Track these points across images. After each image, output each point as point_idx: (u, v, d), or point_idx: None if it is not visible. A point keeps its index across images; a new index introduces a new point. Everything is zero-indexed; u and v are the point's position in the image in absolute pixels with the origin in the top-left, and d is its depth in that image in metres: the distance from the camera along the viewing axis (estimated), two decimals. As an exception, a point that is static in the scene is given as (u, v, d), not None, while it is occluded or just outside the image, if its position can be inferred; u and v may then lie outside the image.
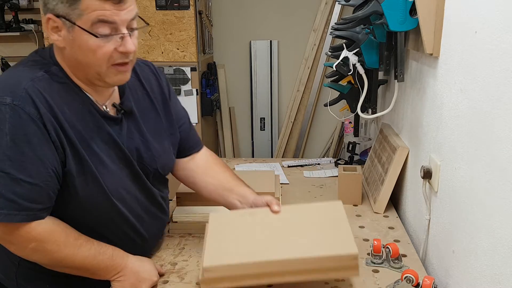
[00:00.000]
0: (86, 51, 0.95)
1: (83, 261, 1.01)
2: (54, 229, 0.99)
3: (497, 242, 0.82)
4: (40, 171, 0.94)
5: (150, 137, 1.15)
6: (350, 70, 1.55)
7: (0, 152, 0.91)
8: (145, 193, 1.16)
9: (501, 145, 0.80)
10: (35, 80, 0.96)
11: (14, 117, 0.91)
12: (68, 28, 0.94)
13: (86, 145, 1.01)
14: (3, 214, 0.92)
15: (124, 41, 0.97)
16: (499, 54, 0.82)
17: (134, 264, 1.08)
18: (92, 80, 1.02)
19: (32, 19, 3.35)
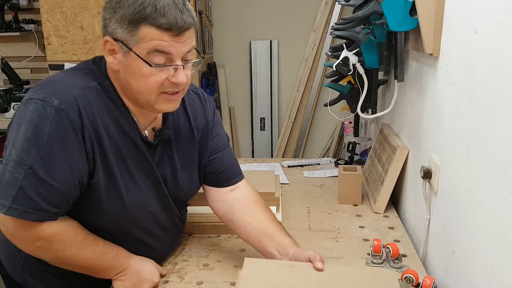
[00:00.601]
0: (139, 77, 0.96)
1: (87, 261, 1.02)
2: (63, 231, 0.98)
3: (497, 242, 0.82)
4: (66, 178, 0.94)
5: (180, 165, 1.15)
6: (350, 70, 1.55)
7: (34, 150, 0.91)
8: (166, 213, 1.16)
9: (501, 145, 0.80)
10: (87, 89, 0.97)
11: (56, 120, 0.92)
12: (124, 53, 0.94)
13: (121, 160, 1.01)
14: (20, 210, 0.91)
15: (177, 72, 0.97)
16: (499, 54, 0.82)
17: (136, 265, 1.09)
18: (142, 105, 1.02)
19: (32, 19, 3.35)
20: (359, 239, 1.34)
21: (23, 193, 0.91)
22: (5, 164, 0.92)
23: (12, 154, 0.91)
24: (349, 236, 1.35)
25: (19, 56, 3.43)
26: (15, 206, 0.91)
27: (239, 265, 1.20)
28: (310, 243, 1.31)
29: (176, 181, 1.15)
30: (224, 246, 1.31)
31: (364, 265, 1.19)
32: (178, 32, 0.92)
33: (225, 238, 1.36)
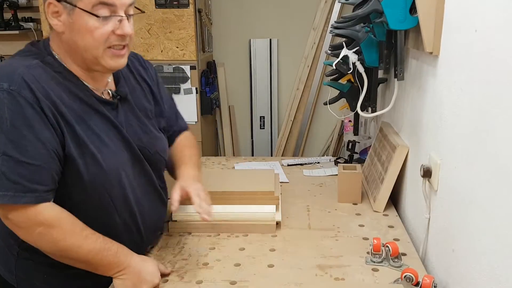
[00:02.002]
0: (85, 32, 0.99)
1: (87, 254, 1.02)
2: (61, 216, 1.01)
3: (497, 241, 0.82)
4: (42, 153, 0.97)
5: (144, 121, 1.20)
6: (350, 68, 1.55)
7: (2, 136, 0.94)
8: (145, 178, 1.19)
9: (501, 143, 0.80)
10: (30, 67, 0.99)
11: (12, 102, 0.95)
12: (69, 12, 0.99)
13: (85, 127, 1.04)
14: (9, 196, 0.94)
15: (122, 24, 1.02)
16: (499, 53, 0.82)
17: (137, 264, 1.09)
18: (90, 64, 1.06)
19: (31, 18, 3.35)
20: (358, 237, 1.34)
21: (6, 178, 0.94)
22: None
23: None
24: (348, 235, 1.35)
25: (18, 55, 3.42)
26: (2, 193, 0.94)
27: (238, 264, 1.20)
28: (309, 242, 1.31)
29: (149, 136, 1.20)
30: (223, 245, 1.31)
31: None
32: None
33: (224, 237, 1.36)
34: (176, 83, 2.94)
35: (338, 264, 1.19)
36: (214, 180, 1.51)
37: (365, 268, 1.17)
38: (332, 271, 1.16)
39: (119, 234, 1.12)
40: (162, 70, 2.91)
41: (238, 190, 1.42)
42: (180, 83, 2.94)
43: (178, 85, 2.94)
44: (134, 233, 1.18)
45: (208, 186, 1.44)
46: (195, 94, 2.97)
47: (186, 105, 2.95)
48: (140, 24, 2.83)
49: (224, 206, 1.40)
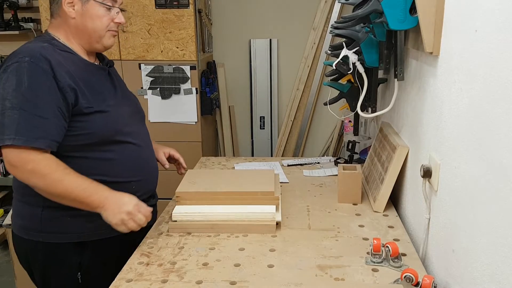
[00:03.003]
0: (95, 18, 1.35)
1: (71, 186, 1.23)
2: (47, 156, 1.24)
3: (497, 241, 0.82)
4: (51, 110, 1.23)
5: (126, 86, 1.56)
6: (350, 68, 1.55)
7: (20, 95, 1.21)
8: (143, 127, 1.53)
9: (501, 144, 0.80)
10: (43, 47, 1.29)
11: (30, 69, 1.23)
12: (83, 3, 1.33)
13: (91, 88, 1.33)
14: (23, 140, 1.19)
15: (119, 15, 1.40)
16: (499, 53, 0.81)
17: (115, 195, 1.27)
18: (93, 43, 1.39)
19: (31, 18, 3.34)
20: (358, 238, 1.34)
21: (22, 127, 1.20)
22: (2, 113, 1.20)
23: (6, 103, 1.21)
24: (348, 235, 1.35)
25: (18, 55, 3.42)
26: (18, 137, 1.19)
27: (238, 264, 1.20)
28: (309, 242, 1.31)
29: (132, 96, 1.55)
30: (223, 245, 1.31)
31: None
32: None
33: (224, 237, 1.36)
34: (176, 83, 2.94)
35: (338, 264, 1.19)
36: (214, 180, 1.51)
37: (365, 269, 1.17)
38: (332, 271, 1.16)
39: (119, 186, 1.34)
40: (162, 71, 2.91)
41: (238, 190, 1.42)
42: (180, 83, 2.94)
43: (178, 85, 2.94)
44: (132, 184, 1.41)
45: (208, 186, 1.44)
46: (195, 94, 2.96)
47: (186, 105, 2.95)
48: (140, 24, 2.84)
49: (224, 206, 1.40)
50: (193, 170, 1.67)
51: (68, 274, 1.38)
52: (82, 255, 1.38)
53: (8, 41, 3.40)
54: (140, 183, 1.45)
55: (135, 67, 2.92)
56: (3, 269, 2.90)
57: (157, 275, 1.17)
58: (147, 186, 1.49)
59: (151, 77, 2.94)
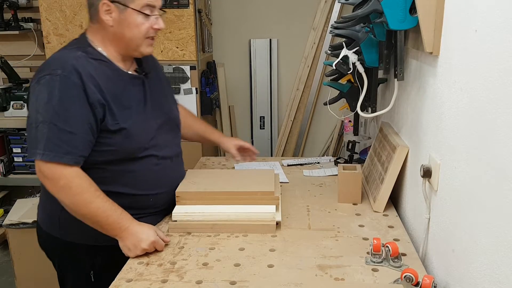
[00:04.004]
0: (133, 27, 1.32)
1: (96, 211, 1.24)
2: (82, 175, 1.26)
3: (497, 241, 0.82)
4: (79, 125, 1.24)
5: (164, 93, 1.52)
6: (349, 68, 1.55)
7: (51, 109, 1.22)
8: (171, 138, 1.49)
9: (501, 143, 0.80)
10: (77, 58, 1.28)
11: (62, 83, 1.23)
12: (121, 11, 1.30)
13: (119, 103, 1.32)
14: (52, 155, 1.22)
15: (158, 20, 1.37)
16: (499, 53, 0.82)
17: (135, 227, 1.27)
18: (130, 51, 1.37)
19: (31, 18, 3.34)
20: (358, 238, 1.34)
21: (51, 142, 1.22)
22: (35, 127, 1.23)
23: (38, 117, 1.23)
24: (348, 235, 1.35)
25: (18, 55, 3.42)
26: (47, 152, 1.21)
27: (238, 264, 1.20)
28: (309, 242, 1.31)
29: (168, 106, 1.51)
30: (223, 245, 1.31)
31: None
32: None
33: (224, 237, 1.36)
34: (176, 83, 2.93)
35: (338, 264, 1.19)
36: (214, 180, 1.51)
37: (365, 268, 1.17)
38: (332, 271, 1.16)
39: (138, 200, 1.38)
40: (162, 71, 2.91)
41: (238, 190, 1.42)
42: (180, 83, 2.94)
43: (178, 85, 2.94)
44: (150, 197, 1.41)
45: (208, 186, 1.44)
46: (195, 94, 2.96)
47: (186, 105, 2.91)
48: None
49: (224, 206, 1.40)
50: (193, 170, 1.67)
51: (82, 272, 1.42)
52: (95, 257, 1.40)
53: (8, 41, 3.40)
54: (159, 196, 1.44)
55: (135, 67, 2.92)
56: (3, 269, 2.90)
57: (157, 275, 1.17)
58: (167, 198, 1.46)
59: (151, 77, 2.94)
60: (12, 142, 3.11)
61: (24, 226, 2.35)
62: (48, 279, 2.35)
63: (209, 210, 1.40)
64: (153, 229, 1.29)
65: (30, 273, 2.42)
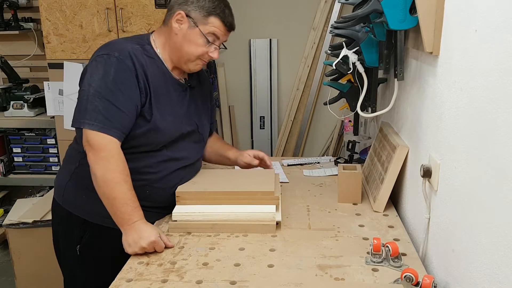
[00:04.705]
0: (193, 44, 1.42)
1: (118, 194, 1.29)
2: (121, 153, 1.32)
3: (497, 241, 0.82)
4: (128, 104, 1.34)
5: (201, 109, 1.60)
6: (349, 68, 1.55)
7: (105, 85, 1.31)
8: (190, 149, 1.53)
9: (501, 143, 0.80)
10: (134, 48, 1.39)
11: (118, 65, 1.33)
12: (190, 26, 1.41)
13: (159, 98, 1.41)
14: (99, 126, 1.29)
15: (216, 51, 1.47)
16: (499, 53, 0.82)
17: (140, 225, 1.30)
18: (180, 63, 1.47)
19: (31, 18, 3.34)
20: (358, 238, 1.34)
21: (101, 114, 1.30)
22: (86, 98, 1.31)
23: (90, 90, 1.31)
24: (348, 235, 1.35)
25: (18, 55, 3.42)
26: (96, 123, 1.29)
27: (238, 264, 1.20)
28: (309, 242, 1.31)
29: (200, 121, 1.58)
30: (223, 245, 1.31)
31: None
32: (229, 30, 1.50)
33: (224, 237, 1.36)
34: (176, 83, 2.94)
35: (338, 264, 1.19)
36: (214, 180, 1.52)
37: (365, 268, 1.17)
38: (332, 271, 1.16)
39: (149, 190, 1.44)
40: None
41: (238, 190, 1.42)
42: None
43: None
44: (147, 189, 1.43)
45: (208, 186, 1.44)
46: (195, 94, 2.96)
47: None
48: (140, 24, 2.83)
49: (224, 206, 1.40)
50: None
51: (71, 244, 1.47)
52: (84, 232, 1.45)
53: (8, 41, 3.40)
54: (155, 190, 1.45)
55: (135, 67, 2.92)
56: (3, 269, 2.90)
57: (157, 274, 1.17)
58: (164, 196, 1.46)
59: (151, 77, 2.94)
60: (12, 142, 3.11)
61: (24, 226, 2.35)
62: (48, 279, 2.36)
63: (209, 210, 1.40)
64: (157, 230, 1.31)
65: (30, 273, 2.42)
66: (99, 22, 2.76)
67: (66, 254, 1.52)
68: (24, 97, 3.08)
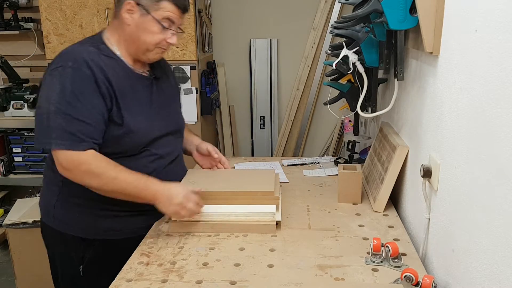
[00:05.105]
0: (148, 33, 1.35)
1: (123, 184, 1.29)
2: (97, 155, 1.29)
3: (497, 241, 0.82)
4: (93, 114, 1.28)
5: (171, 99, 1.54)
6: (350, 68, 1.55)
7: (64, 100, 1.25)
8: (169, 145, 1.49)
9: (501, 143, 0.80)
10: (89, 53, 1.32)
11: (74, 75, 1.26)
12: (142, 14, 1.34)
13: (126, 99, 1.34)
14: (67, 144, 1.25)
15: (174, 36, 1.39)
16: (499, 53, 0.82)
17: (164, 188, 1.33)
18: (139, 54, 1.39)
19: (31, 18, 3.34)
20: (358, 238, 1.34)
21: (66, 131, 1.24)
22: (46, 117, 1.25)
23: (50, 107, 1.25)
24: (348, 235, 1.35)
25: (18, 55, 3.42)
26: (62, 141, 1.24)
27: (238, 264, 1.20)
28: (309, 242, 1.31)
29: (173, 112, 1.53)
30: (223, 245, 1.31)
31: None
32: (184, 12, 1.39)
33: (224, 237, 1.36)
34: (176, 83, 2.94)
35: (338, 264, 1.19)
36: (214, 180, 1.52)
37: (365, 268, 1.17)
38: (332, 271, 1.16)
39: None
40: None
41: (238, 190, 1.42)
42: (180, 83, 2.94)
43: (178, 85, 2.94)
44: None
45: (208, 186, 1.44)
46: (195, 94, 2.97)
47: (186, 105, 2.94)
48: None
49: (224, 206, 1.40)
50: (193, 170, 1.67)
51: (71, 265, 1.43)
52: (86, 250, 1.42)
53: (8, 41, 3.40)
54: None
55: (135, 67, 2.92)
56: (3, 269, 2.90)
57: (157, 275, 1.17)
58: None
59: (151, 77, 2.94)
60: (12, 142, 3.11)
61: (24, 226, 2.36)
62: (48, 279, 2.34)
63: (209, 210, 1.40)
64: (181, 184, 1.39)
65: (30, 273, 2.42)
66: (99, 22, 2.77)
67: (65, 275, 1.48)
68: (24, 97, 3.08)
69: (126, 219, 1.43)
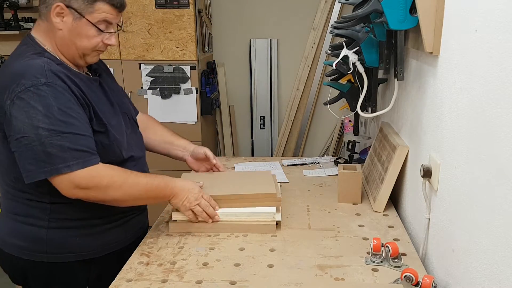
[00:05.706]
0: (84, 37, 1.24)
1: (146, 186, 1.28)
2: (108, 166, 1.23)
3: (497, 241, 0.82)
4: (85, 126, 1.21)
5: (118, 93, 1.45)
6: (350, 68, 1.55)
7: (55, 120, 1.15)
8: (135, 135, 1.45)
9: (501, 143, 0.80)
10: (48, 63, 1.20)
11: (53, 91, 1.16)
12: (75, 18, 1.22)
13: (97, 104, 1.27)
14: (82, 162, 1.17)
15: (111, 37, 1.29)
16: (499, 53, 0.82)
17: (180, 183, 1.35)
18: (76, 58, 1.28)
19: (31, 18, 3.35)
20: (358, 238, 1.34)
21: (74, 150, 1.16)
22: (40, 144, 1.13)
23: (40, 132, 1.13)
24: (348, 235, 1.35)
25: (18, 55, 3.42)
26: (75, 161, 1.16)
27: (238, 264, 1.20)
28: (309, 242, 1.31)
29: (126, 105, 1.46)
30: (223, 245, 1.31)
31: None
32: (121, 10, 1.29)
33: (224, 237, 1.36)
34: (176, 83, 2.94)
35: (338, 264, 1.19)
36: (214, 182, 1.51)
37: (365, 268, 1.17)
38: (332, 271, 1.16)
39: None
40: (162, 70, 2.91)
41: (241, 193, 1.41)
42: (180, 83, 2.94)
43: (178, 85, 2.94)
44: None
45: (209, 190, 1.44)
46: (195, 94, 2.97)
47: (186, 105, 2.95)
48: (140, 24, 2.84)
49: None
50: (189, 174, 1.66)
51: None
52: (89, 271, 1.36)
53: (8, 41, 3.40)
54: None
55: (135, 67, 2.92)
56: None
57: (157, 275, 1.17)
58: None
59: (151, 77, 2.94)
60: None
61: None
62: None
63: (209, 210, 1.40)
64: (192, 181, 1.39)
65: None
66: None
67: None
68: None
69: (116, 230, 1.38)
